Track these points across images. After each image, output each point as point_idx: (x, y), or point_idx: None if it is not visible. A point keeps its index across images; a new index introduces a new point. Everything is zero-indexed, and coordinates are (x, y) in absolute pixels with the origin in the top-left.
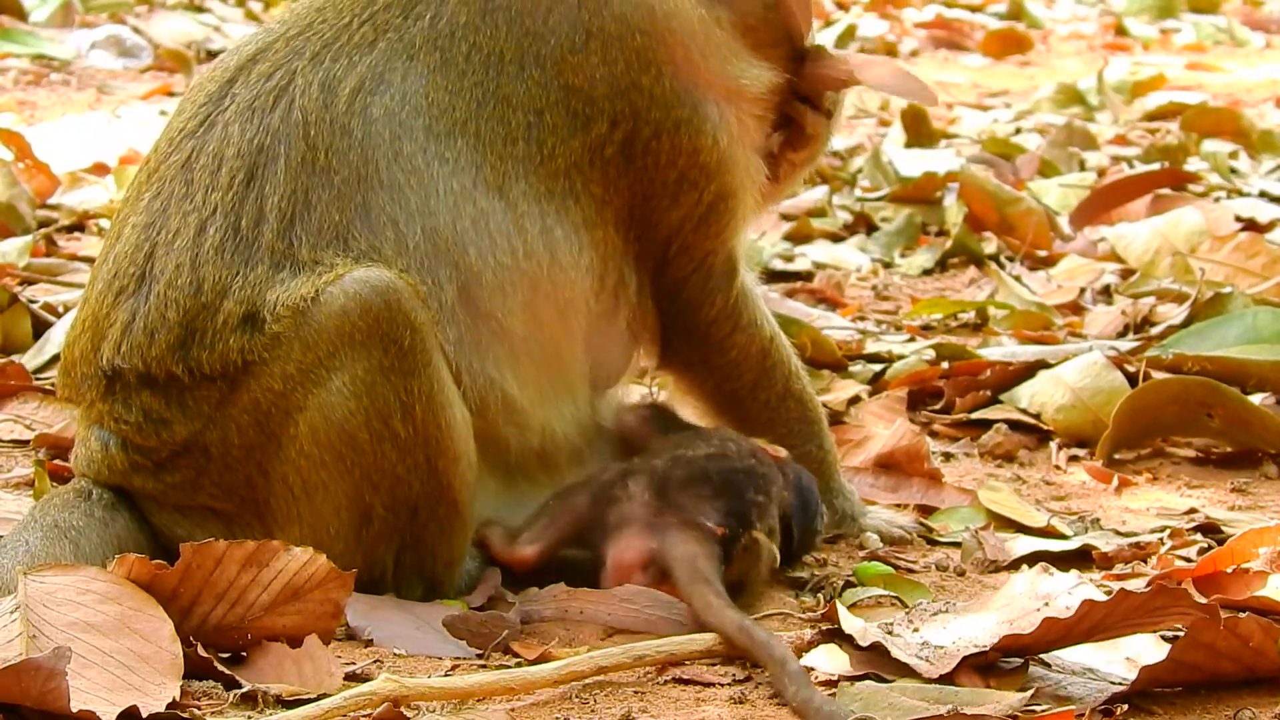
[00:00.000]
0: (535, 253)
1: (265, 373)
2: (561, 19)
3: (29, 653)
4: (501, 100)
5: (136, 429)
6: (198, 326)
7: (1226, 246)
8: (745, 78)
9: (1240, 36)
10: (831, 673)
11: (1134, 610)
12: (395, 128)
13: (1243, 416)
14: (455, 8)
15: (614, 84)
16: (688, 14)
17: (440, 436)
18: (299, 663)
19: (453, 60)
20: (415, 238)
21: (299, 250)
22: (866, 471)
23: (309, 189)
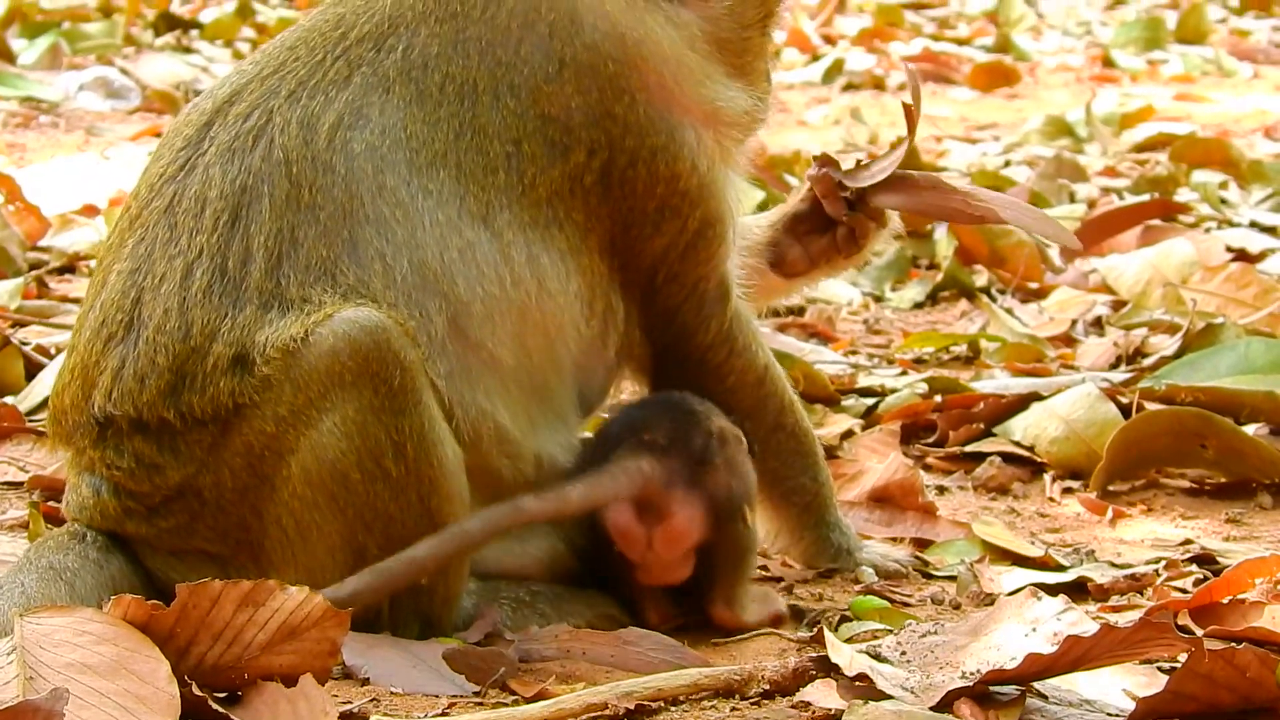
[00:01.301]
0: (523, 281)
1: (256, 415)
2: (533, 49)
3: (26, 694)
4: (479, 131)
5: (129, 474)
6: (188, 371)
7: (1218, 277)
8: (722, 100)
9: (1228, 67)
10: (827, 707)
11: (1119, 643)
12: (377, 162)
13: (1236, 447)
14: (426, 39)
15: (589, 112)
16: (659, 39)
17: (433, 475)
18: (294, 702)
19: (428, 92)
20: (403, 271)
21: (287, 288)
22: (861, 506)
23: (295, 226)
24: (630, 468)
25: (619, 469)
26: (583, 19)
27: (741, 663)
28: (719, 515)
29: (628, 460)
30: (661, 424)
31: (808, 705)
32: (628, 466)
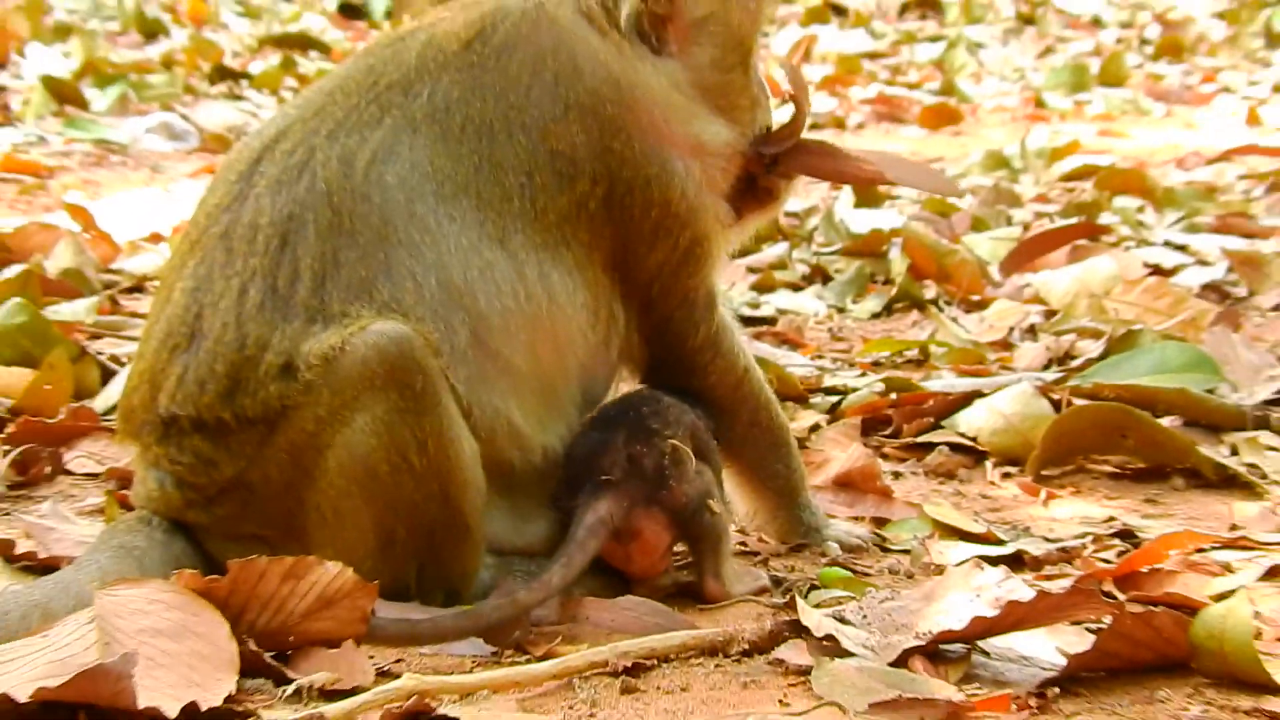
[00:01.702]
0: (535, 295)
1: (299, 416)
2: (541, 93)
3: (102, 658)
4: (495, 165)
5: (189, 469)
6: (242, 377)
7: (1136, 289)
8: (705, 135)
9: (1144, 106)
10: (799, 664)
11: (1052, 607)
12: (408, 192)
13: (1154, 437)
14: (448, 86)
15: (591, 148)
16: (650, 85)
17: (451, 467)
18: (336, 662)
19: (450, 131)
20: (431, 288)
21: (330, 304)
22: (827, 489)
23: (337, 250)
24: (593, 524)
25: (586, 532)
26: (583, 68)
27: (724, 626)
28: (685, 517)
29: (589, 514)
30: (616, 456)
31: (782, 662)
32: (591, 525)
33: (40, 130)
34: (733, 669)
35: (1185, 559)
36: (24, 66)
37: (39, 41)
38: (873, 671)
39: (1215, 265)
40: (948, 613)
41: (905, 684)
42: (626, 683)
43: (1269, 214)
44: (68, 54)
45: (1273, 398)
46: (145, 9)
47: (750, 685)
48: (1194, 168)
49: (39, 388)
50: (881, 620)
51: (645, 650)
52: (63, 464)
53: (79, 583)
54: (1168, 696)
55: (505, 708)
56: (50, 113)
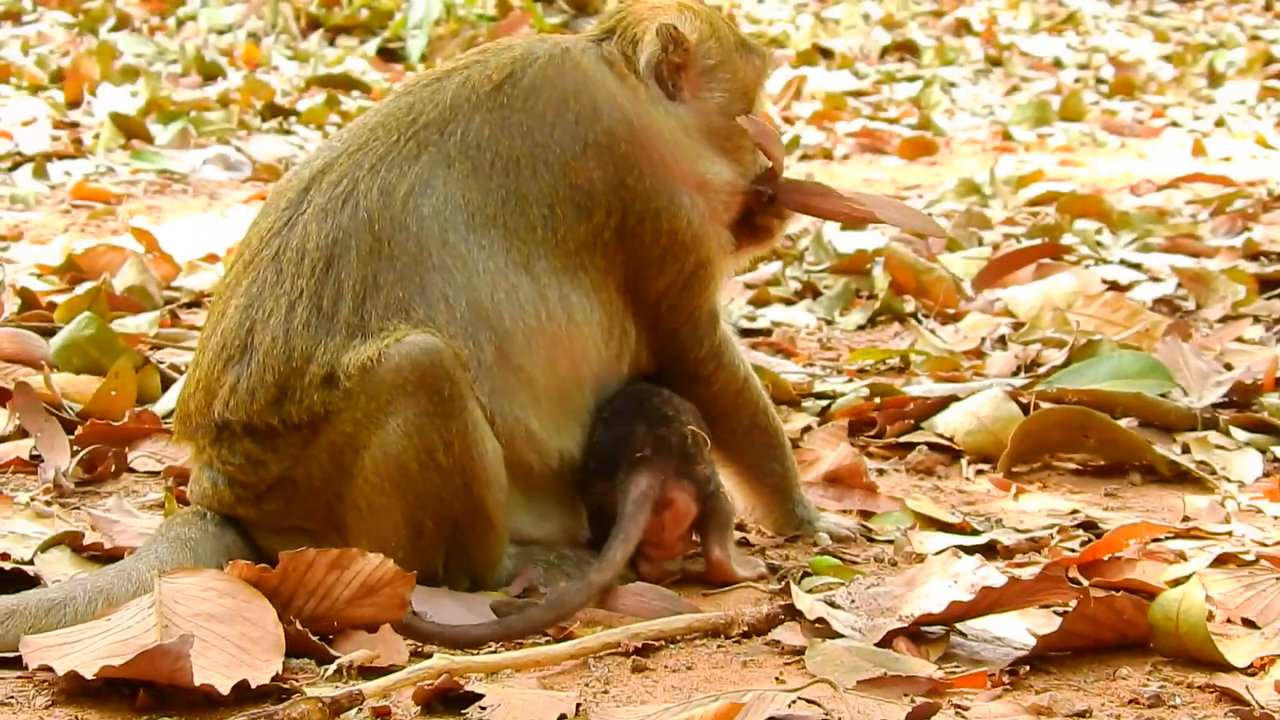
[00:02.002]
0: (556, 316)
1: (339, 420)
2: (564, 133)
3: (161, 640)
4: (521, 198)
5: (239, 469)
6: (289, 386)
7: (1096, 303)
8: (709, 174)
9: (1101, 139)
10: (794, 644)
11: (1023, 592)
12: (442, 222)
13: (1113, 437)
14: (480, 124)
15: (607, 182)
16: (660, 126)
17: (474, 466)
18: (374, 644)
19: (480, 167)
20: (462, 309)
21: (369, 322)
22: (817, 485)
23: (377, 273)
24: (638, 497)
25: (634, 506)
26: (601, 109)
27: (725, 610)
28: (707, 492)
29: (632, 489)
30: (644, 437)
31: (778, 643)
32: (637, 499)
33: (109, 162)
34: (733, 649)
35: (1143, 548)
36: (95, 105)
37: (109, 82)
38: (860, 651)
39: (1166, 281)
40: (928, 597)
41: (890, 663)
42: (637, 662)
43: (1214, 235)
44: (134, 93)
45: (1220, 401)
46: (204, 53)
47: (749, 664)
48: (1146, 194)
49: (106, 393)
50: (868, 604)
51: (654, 632)
52: (127, 463)
53: (139, 571)
54: (1129, 674)
55: (527, 685)
56: (118, 146)
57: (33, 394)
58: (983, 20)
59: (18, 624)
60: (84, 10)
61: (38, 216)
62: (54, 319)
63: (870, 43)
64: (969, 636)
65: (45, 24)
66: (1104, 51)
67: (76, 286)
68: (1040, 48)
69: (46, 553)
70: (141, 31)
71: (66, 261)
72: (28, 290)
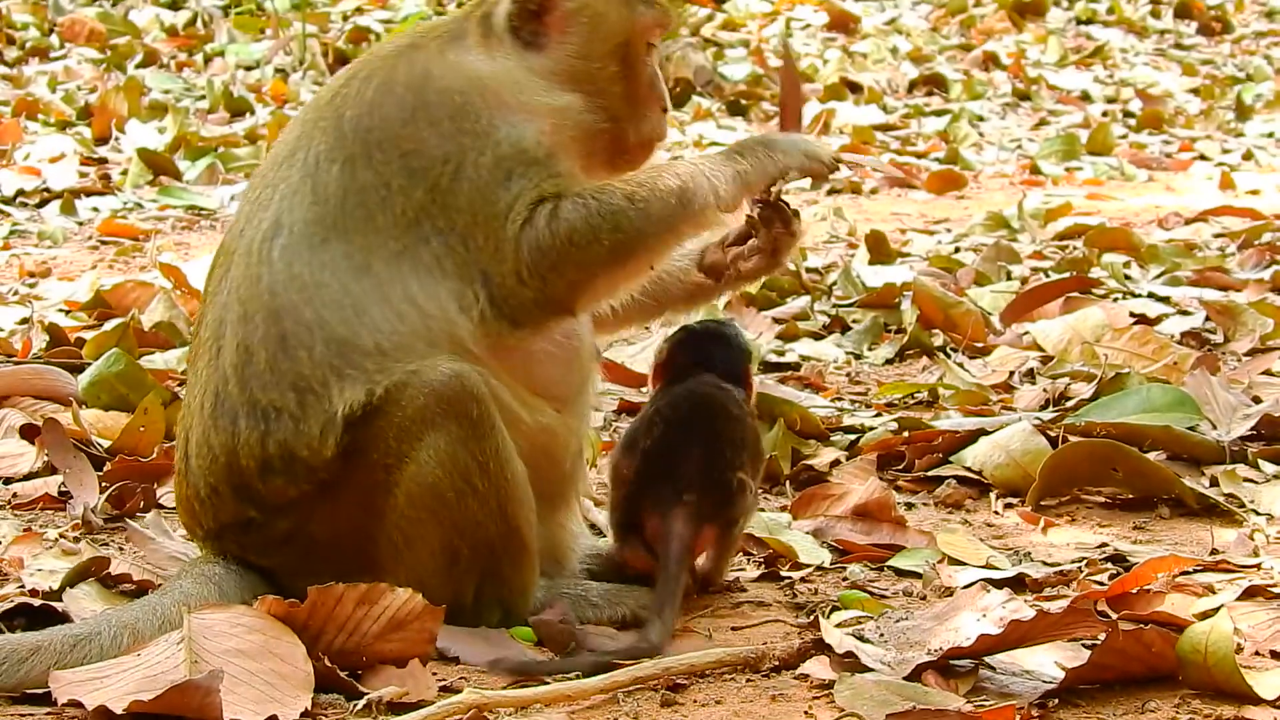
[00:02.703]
0: (406, 314)
1: (359, 470)
2: (392, 107)
3: (190, 675)
4: (359, 191)
5: (250, 549)
6: (244, 483)
7: (1124, 337)
8: (558, 104)
9: (1129, 173)
10: (823, 678)
11: (1052, 625)
12: (287, 258)
13: (1141, 470)
14: (319, 141)
15: (441, 136)
16: (502, 72)
17: (508, 485)
18: (404, 679)
19: (320, 182)
20: (319, 350)
21: (263, 399)
22: (846, 519)
23: (249, 345)
24: (679, 553)
25: (677, 565)
26: (433, 72)
27: (755, 644)
28: (728, 531)
29: (674, 541)
30: (693, 475)
31: (807, 677)
32: (679, 555)
33: (137, 198)
34: (763, 683)
35: (1171, 581)
36: (123, 141)
37: (136, 119)
38: (889, 685)
39: (1194, 315)
40: (957, 631)
41: (919, 696)
42: (666, 697)
43: (1241, 269)
44: (162, 129)
45: (1248, 434)
46: (232, 89)
47: (779, 698)
48: (1174, 227)
49: (134, 429)
50: (897, 638)
51: (685, 666)
52: (155, 499)
53: (164, 606)
54: (1157, 706)
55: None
56: (146, 182)
57: (61, 430)
58: (1010, 54)
59: (44, 659)
60: (111, 46)
61: (66, 253)
62: (82, 355)
63: (898, 76)
64: (998, 670)
65: (73, 60)
66: (1132, 85)
67: (105, 323)
68: (1068, 81)
69: (75, 587)
70: (169, 67)
71: (95, 298)
72: (56, 326)
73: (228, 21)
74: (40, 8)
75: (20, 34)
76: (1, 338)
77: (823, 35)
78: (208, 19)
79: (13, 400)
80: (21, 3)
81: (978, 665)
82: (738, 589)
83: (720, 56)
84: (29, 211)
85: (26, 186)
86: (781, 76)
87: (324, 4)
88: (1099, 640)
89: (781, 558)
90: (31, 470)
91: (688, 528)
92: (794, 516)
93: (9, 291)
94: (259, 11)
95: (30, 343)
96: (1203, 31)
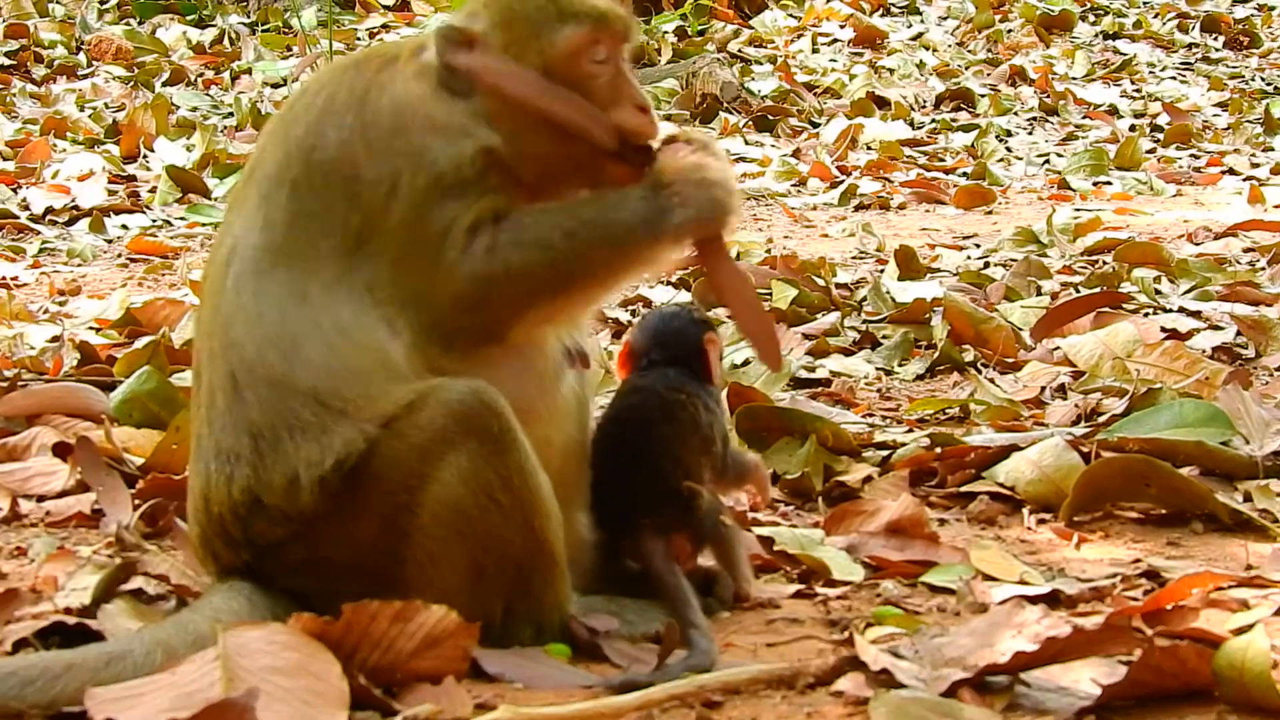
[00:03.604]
0: (339, 347)
1: (376, 495)
2: (333, 127)
3: (226, 692)
4: (305, 216)
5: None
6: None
7: (1155, 352)
8: (488, 142)
9: (1157, 187)
10: (858, 695)
11: (1087, 642)
12: (239, 287)
13: (1174, 485)
14: (270, 159)
15: (375, 158)
16: (427, 96)
17: (533, 499)
18: (439, 697)
19: (272, 204)
20: (262, 391)
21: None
22: (879, 535)
23: (214, 387)
24: (664, 566)
25: (669, 574)
26: (370, 94)
27: (790, 661)
28: (704, 533)
29: (655, 559)
30: (645, 501)
31: (841, 694)
32: (663, 567)
33: (166, 215)
34: (798, 700)
35: (1206, 597)
36: (151, 159)
37: (165, 136)
38: (925, 702)
39: (1225, 329)
40: (992, 647)
41: (955, 713)
42: (701, 713)
43: (1272, 283)
44: (190, 147)
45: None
46: (260, 106)
47: (814, 715)
48: (1204, 241)
49: (166, 447)
50: (932, 655)
51: (720, 684)
52: (188, 516)
53: (196, 623)
54: None
55: None
56: (175, 200)
57: (94, 448)
58: (1037, 68)
59: (77, 676)
60: (139, 64)
61: (95, 270)
62: (113, 373)
63: (925, 92)
64: (1033, 686)
65: (100, 78)
66: (1159, 99)
67: (135, 340)
68: (1095, 96)
69: (109, 603)
70: (196, 85)
71: (125, 315)
72: (87, 344)
73: (255, 39)
74: (68, 26)
75: (48, 52)
76: (32, 356)
77: (850, 50)
78: (235, 36)
79: (44, 418)
80: (49, 21)
81: (1013, 682)
82: (771, 606)
83: (747, 72)
84: (58, 229)
85: (56, 204)
86: (733, 307)
87: (350, 21)
88: (1135, 657)
89: (815, 574)
90: (64, 488)
91: (658, 543)
92: (827, 533)
93: (39, 310)
94: (286, 29)
95: (61, 361)
96: (1230, 45)
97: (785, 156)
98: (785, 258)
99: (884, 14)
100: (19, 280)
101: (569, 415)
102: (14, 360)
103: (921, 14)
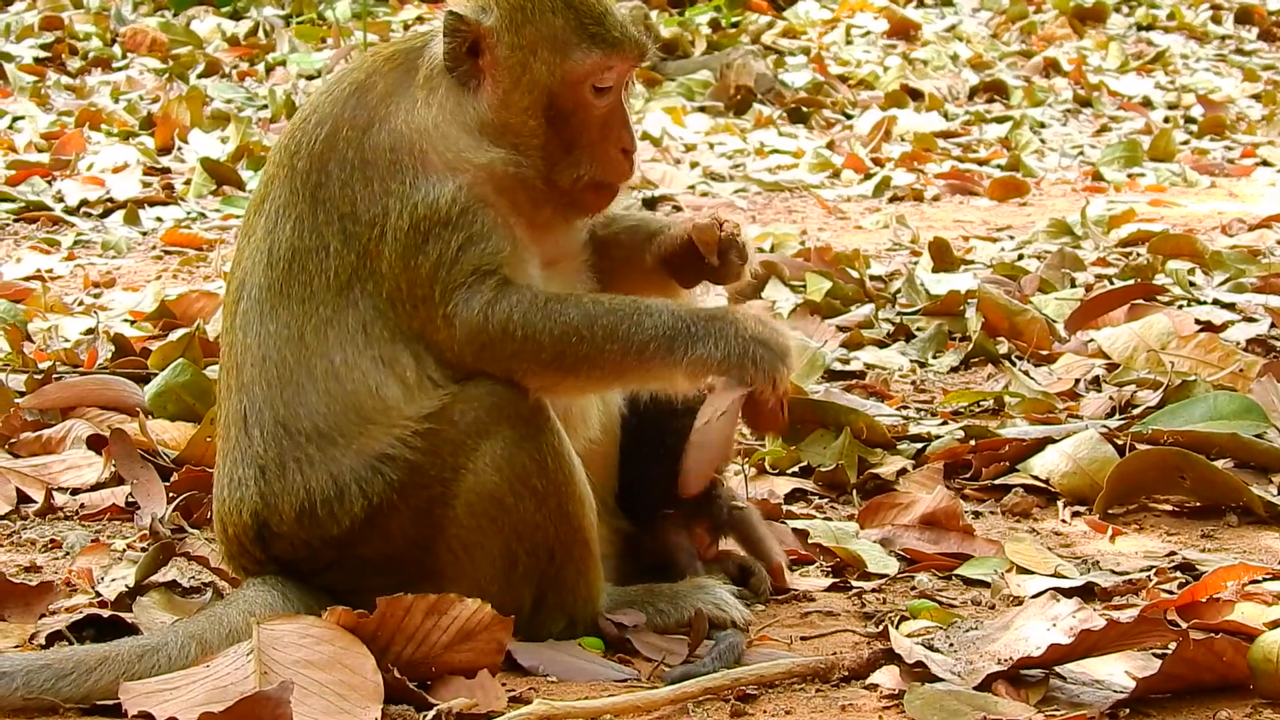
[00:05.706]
0: (342, 376)
1: (409, 496)
2: (335, 161)
3: (260, 686)
4: (304, 252)
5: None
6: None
7: (1190, 344)
8: (479, 159)
9: (1191, 179)
10: (892, 688)
11: (1122, 635)
12: (245, 324)
13: (1209, 478)
14: (278, 193)
15: (370, 198)
16: (431, 127)
17: (567, 482)
18: (473, 690)
19: (276, 239)
20: (268, 426)
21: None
22: (914, 528)
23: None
24: (688, 558)
25: (686, 565)
26: (371, 128)
27: (824, 654)
28: (721, 521)
29: (678, 552)
30: (663, 495)
31: (876, 687)
32: (686, 559)
33: (200, 208)
34: (832, 693)
35: (1241, 590)
36: (185, 151)
37: (199, 129)
38: (959, 695)
39: (1260, 321)
40: (1027, 640)
41: (989, 706)
42: (736, 707)
43: None
44: (224, 139)
45: None
46: (294, 98)
47: (848, 708)
48: (1238, 233)
49: (201, 440)
50: (966, 648)
51: (755, 676)
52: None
53: (230, 616)
54: (1229, 716)
55: None
56: (209, 192)
57: (128, 441)
58: (1071, 60)
59: (112, 670)
60: (173, 56)
61: (130, 263)
62: (148, 365)
63: (959, 83)
64: (1068, 679)
65: (135, 70)
66: (1193, 90)
67: (170, 333)
68: (1129, 87)
69: (144, 595)
70: (231, 77)
71: (159, 308)
72: (121, 336)
73: (289, 31)
74: (102, 18)
75: (83, 44)
76: (67, 348)
77: (883, 42)
78: (269, 28)
79: (79, 411)
80: (84, 13)
81: (1048, 675)
82: (806, 599)
83: (781, 64)
84: (93, 222)
85: (90, 196)
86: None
87: (385, 13)
88: (1169, 650)
89: (849, 567)
90: (99, 481)
91: (681, 536)
92: (861, 526)
93: (74, 302)
94: (320, 21)
95: (96, 353)
96: (1264, 37)
97: (819, 148)
98: (819, 250)
99: (918, 6)
100: (54, 273)
101: (594, 420)
102: (49, 353)
103: (955, 6)
